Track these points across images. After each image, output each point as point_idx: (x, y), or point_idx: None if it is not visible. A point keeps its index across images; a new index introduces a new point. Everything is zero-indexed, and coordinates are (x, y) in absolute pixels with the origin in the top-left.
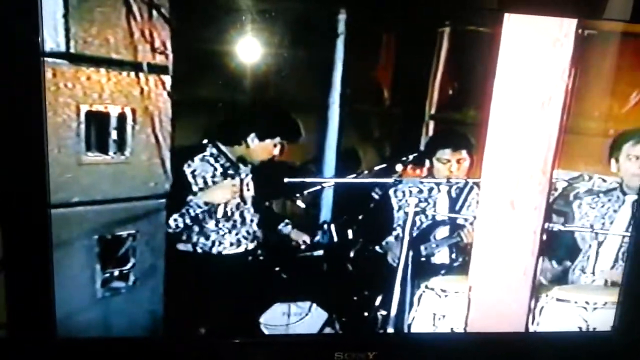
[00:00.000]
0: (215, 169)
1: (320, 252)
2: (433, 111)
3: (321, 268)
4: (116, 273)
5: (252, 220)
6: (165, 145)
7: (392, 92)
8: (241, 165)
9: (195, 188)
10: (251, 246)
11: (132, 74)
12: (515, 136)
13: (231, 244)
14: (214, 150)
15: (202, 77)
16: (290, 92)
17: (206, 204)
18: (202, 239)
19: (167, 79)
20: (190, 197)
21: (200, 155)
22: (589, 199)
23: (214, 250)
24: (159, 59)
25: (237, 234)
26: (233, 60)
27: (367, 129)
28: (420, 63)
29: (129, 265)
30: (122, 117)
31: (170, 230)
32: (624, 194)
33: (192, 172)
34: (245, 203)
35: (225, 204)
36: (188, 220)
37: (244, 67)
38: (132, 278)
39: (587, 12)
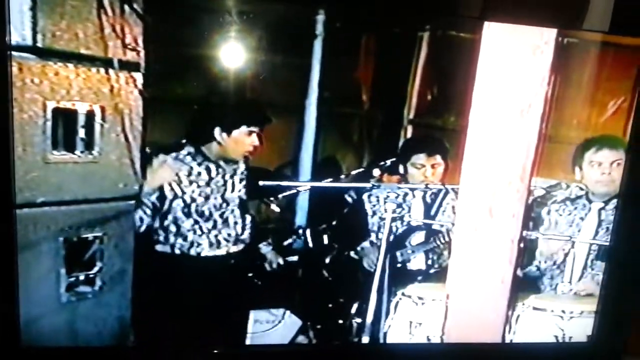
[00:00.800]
0: (192, 168)
1: (295, 258)
2: (412, 116)
3: (296, 274)
4: (82, 277)
5: (236, 223)
6: (135, 145)
7: (371, 95)
8: (222, 164)
9: (168, 188)
10: (230, 250)
11: (102, 70)
12: (495, 143)
13: (210, 245)
14: (191, 149)
15: (175, 74)
16: (266, 93)
17: (154, 190)
18: (178, 240)
19: (139, 77)
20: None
21: (174, 155)
22: (562, 207)
23: (189, 252)
24: (131, 56)
25: (216, 235)
26: (206, 58)
27: (345, 132)
28: (399, 67)
29: (95, 269)
30: (90, 115)
31: (142, 228)
32: (590, 201)
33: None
34: (227, 204)
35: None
36: (149, 212)
37: (217, 66)
38: (98, 282)
39: (567, 23)
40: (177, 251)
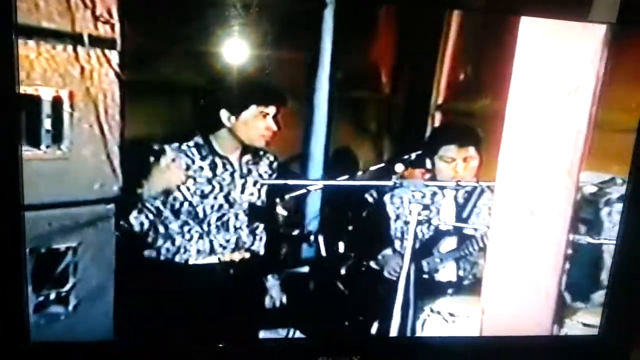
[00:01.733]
0: (193, 162)
1: (306, 269)
2: (440, 100)
3: (307, 287)
4: (53, 296)
5: (237, 229)
6: (112, 138)
7: (393, 76)
8: (224, 161)
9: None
10: (225, 258)
11: (70, 48)
12: (537, 131)
13: (198, 252)
14: (199, 140)
15: (160, 51)
16: (266, 72)
17: (161, 193)
18: (165, 245)
19: (114, 55)
20: (140, 190)
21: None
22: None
23: (178, 259)
24: (103, 30)
25: (211, 241)
26: (199, 28)
27: (362, 120)
28: (426, 41)
29: (68, 286)
30: (57, 102)
31: (136, 229)
32: None
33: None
34: (231, 206)
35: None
36: (151, 217)
37: (212, 38)
38: (72, 301)
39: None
40: (163, 258)
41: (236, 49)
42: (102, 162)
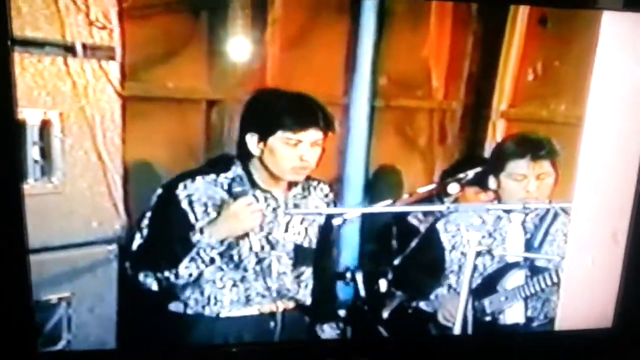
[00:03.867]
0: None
1: (342, 313)
2: (504, 105)
3: (343, 334)
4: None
5: (282, 274)
6: (112, 166)
7: (446, 80)
8: (258, 192)
9: (194, 221)
10: (266, 309)
11: (59, 60)
12: (621, 142)
13: (232, 302)
14: (239, 171)
15: (167, 61)
16: (294, 82)
17: (222, 242)
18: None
19: (114, 67)
20: (194, 236)
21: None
22: None
23: (207, 311)
24: (100, 37)
25: (247, 289)
26: (214, 31)
27: (407, 134)
28: (487, 38)
29: (61, 344)
30: (45, 127)
31: (180, 281)
32: None
33: (190, 199)
34: (272, 247)
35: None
36: (202, 267)
37: (229, 44)
38: None
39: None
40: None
41: (257, 54)
42: (101, 195)
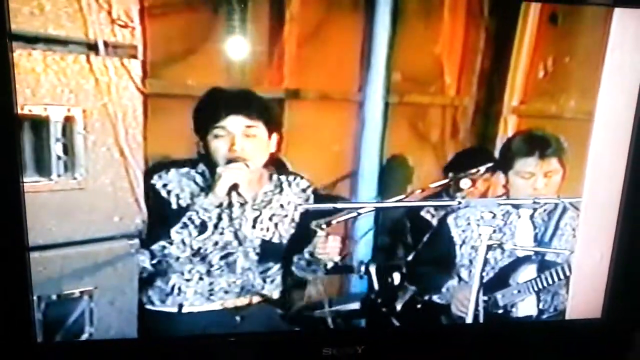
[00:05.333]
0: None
1: (356, 305)
2: (516, 101)
3: (356, 326)
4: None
5: (246, 269)
6: (135, 162)
7: (458, 76)
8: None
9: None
10: (231, 304)
11: (82, 58)
12: (630, 137)
13: (195, 293)
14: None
15: (189, 58)
16: (310, 79)
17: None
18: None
19: (136, 65)
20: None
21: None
22: None
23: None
24: (122, 36)
25: (211, 283)
26: (227, 33)
27: (420, 129)
28: (499, 35)
29: (84, 336)
30: (68, 123)
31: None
32: None
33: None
34: (240, 243)
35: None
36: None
37: (244, 43)
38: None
39: None
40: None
41: (274, 51)
42: (123, 191)
